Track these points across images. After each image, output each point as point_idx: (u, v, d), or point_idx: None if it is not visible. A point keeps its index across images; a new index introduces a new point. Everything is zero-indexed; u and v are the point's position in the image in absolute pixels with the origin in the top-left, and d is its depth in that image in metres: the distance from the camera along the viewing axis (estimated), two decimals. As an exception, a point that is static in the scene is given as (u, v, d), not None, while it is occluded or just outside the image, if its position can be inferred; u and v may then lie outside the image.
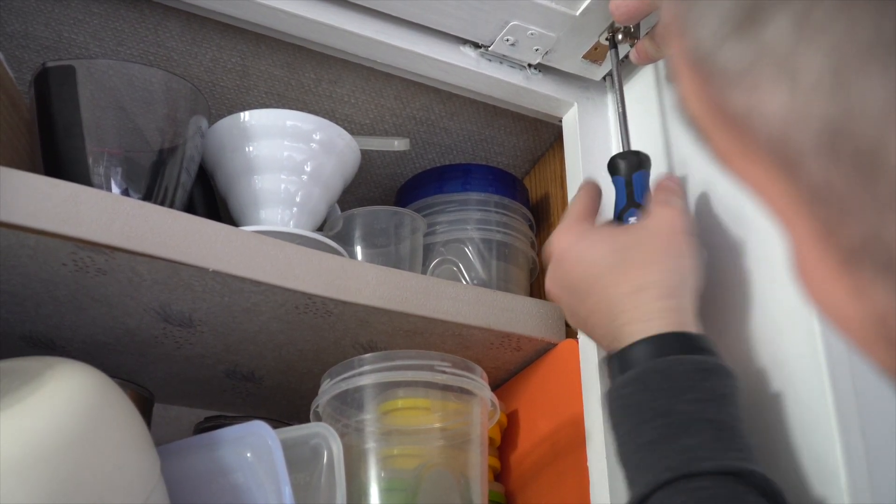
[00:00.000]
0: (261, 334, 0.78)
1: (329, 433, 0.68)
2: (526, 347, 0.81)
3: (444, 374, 0.72)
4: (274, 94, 0.93)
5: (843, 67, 0.19)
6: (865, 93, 0.18)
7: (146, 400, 0.81)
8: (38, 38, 0.85)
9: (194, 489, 0.68)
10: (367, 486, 0.70)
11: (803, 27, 0.19)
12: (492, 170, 1.00)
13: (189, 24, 0.84)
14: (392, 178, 1.07)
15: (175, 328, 0.76)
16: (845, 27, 0.18)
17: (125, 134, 0.75)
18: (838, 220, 0.21)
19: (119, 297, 0.70)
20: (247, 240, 0.69)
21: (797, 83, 0.20)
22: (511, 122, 1.00)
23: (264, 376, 0.87)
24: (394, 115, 0.97)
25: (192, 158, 0.78)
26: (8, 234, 0.61)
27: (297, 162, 0.83)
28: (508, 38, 0.83)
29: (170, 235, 0.65)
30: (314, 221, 0.85)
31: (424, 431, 0.73)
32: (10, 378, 0.56)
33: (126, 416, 0.59)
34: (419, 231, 0.90)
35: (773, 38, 0.20)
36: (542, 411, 0.83)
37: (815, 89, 0.19)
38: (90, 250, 0.64)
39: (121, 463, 0.55)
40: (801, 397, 0.61)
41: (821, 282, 0.23)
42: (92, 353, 0.79)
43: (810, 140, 0.20)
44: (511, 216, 0.96)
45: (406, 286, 0.74)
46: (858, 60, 0.18)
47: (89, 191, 0.64)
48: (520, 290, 0.94)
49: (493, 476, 0.84)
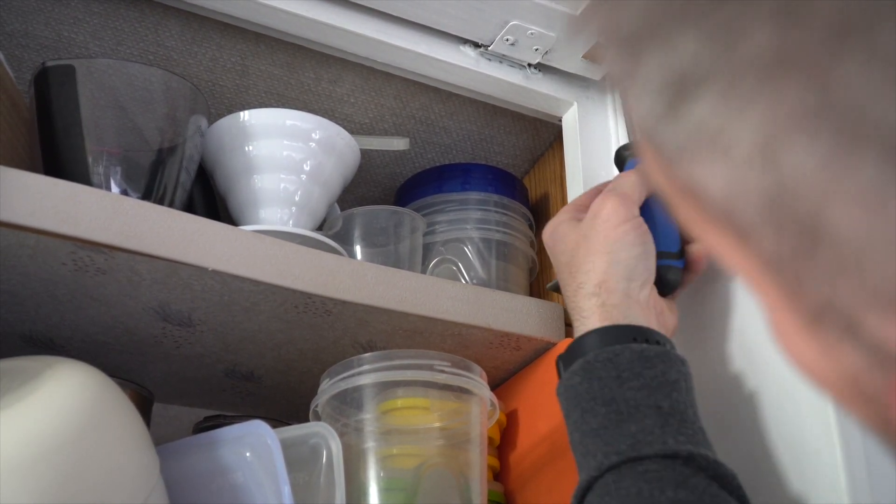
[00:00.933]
0: (260, 334, 0.78)
1: (328, 433, 0.68)
2: (525, 347, 0.81)
3: (443, 374, 0.72)
4: (273, 94, 0.93)
5: (771, 140, 0.19)
6: (796, 164, 0.19)
7: (145, 399, 0.81)
8: (37, 38, 0.85)
9: (194, 489, 0.68)
10: (366, 485, 0.70)
11: (730, 102, 0.19)
12: (491, 169, 1.00)
13: (188, 24, 0.84)
14: (392, 178, 1.07)
15: (174, 327, 0.76)
16: (769, 100, 0.18)
17: (125, 133, 0.75)
18: (794, 287, 0.21)
19: (118, 296, 0.70)
20: (246, 239, 0.69)
21: (731, 158, 0.20)
22: (511, 122, 1.00)
23: (263, 376, 0.87)
24: (393, 114, 0.97)
25: (191, 158, 0.78)
26: (7, 234, 0.61)
27: (297, 161, 0.83)
28: (508, 37, 0.83)
29: (169, 235, 0.65)
30: (314, 221, 0.85)
31: (424, 431, 0.73)
32: (9, 378, 0.56)
33: (125, 416, 0.59)
34: (419, 230, 0.90)
35: (703, 114, 0.20)
36: (541, 411, 0.83)
37: (749, 163, 0.19)
38: (90, 250, 0.64)
39: (120, 462, 0.55)
40: (801, 398, 0.61)
41: (794, 342, 0.23)
42: (91, 353, 0.79)
43: (753, 213, 0.20)
44: (511, 216, 0.96)
45: (405, 285, 0.74)
46: (785, 132, 0.18)
47: (89, 190, 0.64)
48: (519, 289, 0.94)
49: (493, 476, 0.84)
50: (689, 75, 0.20)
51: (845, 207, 0.18)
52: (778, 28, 0.18)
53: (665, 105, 0.21)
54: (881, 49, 0.17)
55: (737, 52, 0.19)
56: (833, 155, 0.18)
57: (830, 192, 0.18)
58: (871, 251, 0.18)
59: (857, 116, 0.17)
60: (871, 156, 0.17)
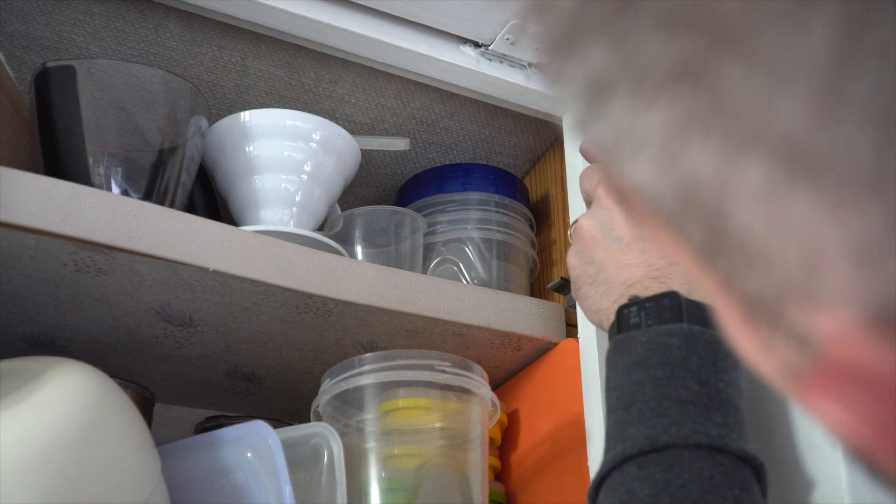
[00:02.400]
0: (261, 334, 0.78)
1: (329, 433, 0.68)
2: (526, 347, 0.81)
3: (444, 374, 0.72)
4: (274, 94, 0.93)
5: (670, 142, 0.20)
6: (694, 165, 0.19)
7: (147, 400, 0.81)
8: (38, 38, 0.85)
9: (195, 489, 0.68)
10: (367, 485, 0.70)
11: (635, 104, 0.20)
12: (492, 169, 1.00)
13: (189, 24, 0.84)
14: (392, 178, 1.07)
15: (175, 328, 0.76)
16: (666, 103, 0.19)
17: (125, 134, 0.75)
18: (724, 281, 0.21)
19: (119, 296, 0.70)
20: (247, 239, 0.69)
21: (645, 156, 0.21)
22: (511, 122, 1.00)
23: (265, 376, 0.87)
24: (394, 114, 0.97)
25: (192, 158, 0.78)
26: (9, 234, 0.61)
27: (297, 162, 0.83)
28: (509, 37, 0.83)
29: (170, 235, 0.65)
30: (314, 221, 0.85)
31: (425, 431, 0.73)
32: (10, 378, 0.56)
33: (126, 416, 0.59)
34: (419, 231, 0.90)
35: (617, 115, 0.21)
36: (542, 411, 0.83)
37: (659, 162, 0.20)
38: (91, 250, 0.64)
39: (121, 463, 0.55)
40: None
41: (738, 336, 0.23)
42: (92, 353, 0.79)
43: (674, 207, 0.21)
44: (511, 216, 0.96)
45: (406, 286, 0.74)
46: (682, 134, 0.19)
47: (90, 191, 0.64)
48: (520, 289, 0.94)
49: (494, 476, 0.84)
50: (603, 78, 0.21)
51: (743, 205, 0.19)
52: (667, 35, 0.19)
53: (588, 108, 0.22)
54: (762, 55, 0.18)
55: (636, 57, 0.20)
56: (725, 156, 0.19)
57: (728, 190, 0.19)
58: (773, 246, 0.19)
59: (743, 120, 0.18)
60: (760, 157, 0.18)
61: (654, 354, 0.58)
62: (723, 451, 0.53)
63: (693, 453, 0.53)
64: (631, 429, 0.55)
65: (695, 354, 0.57)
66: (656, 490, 0.51)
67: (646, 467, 0.53)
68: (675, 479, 0.52)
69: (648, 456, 0.53)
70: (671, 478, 0.52)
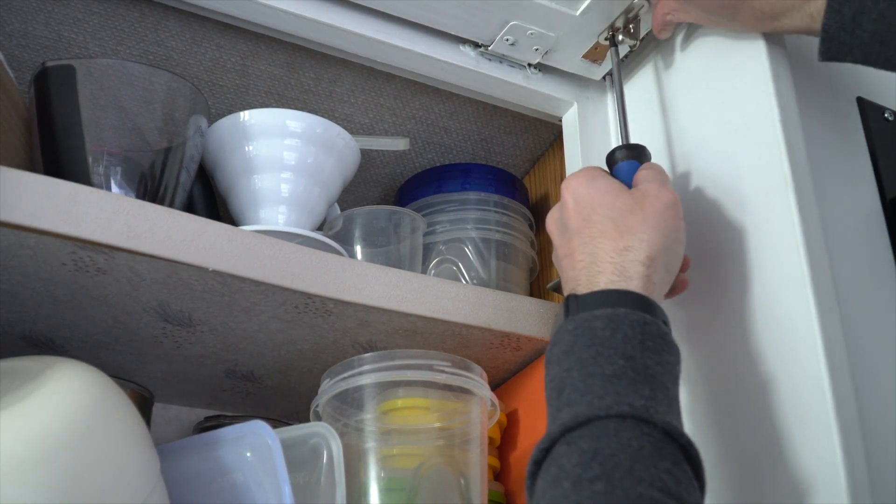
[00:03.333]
0: (260, 334, 0.78)
1: (329, 433, 0.68)
2: (526, 347, 0.81)
3: (443, 374, 0.72)
4: (273, 94, 0.93)
5: None
6: None
7: (146, 399, 0.81)
8: (37, 38, 0.85)
9: (194, 489, 0.68)
10: (366, 485, 0.70)
11: None
12: (491, 169, 1.00)
13: (189, 24, 0.84)
14: (392, 178, 1.07)
15: (174, 328, 0.76)
16: None
17: (125, 133, 0.75)
18: None
19: (119, 296, 0.70)
20: (246, 239, 0.69)
21: None
22: (511, 122, 1.00)
23: (264, 376, 0.87)
24: (393, 114, 0.97)
25: (191, 158, 0.78)
26: (8, 234, 0.61)
27: (297, 161, 0.83)
28: (508, 37, 0.83)
29: (169, 235, 0.65)
30: (314, 221, 0.85)
31: (424, 431, 0.73)
32: (9, 378, 0.56)
33: (125, 416, 0.59)
34: (419, 230, 0.90)
35: None
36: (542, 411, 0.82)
37: None
38: (90, 250, 0.64)
39: (120, 462, 0.55)
40: (802, 398, 0.61)
41: None
42: (91, 353, 0.79)
43: None
44: (511, 216, 0.96)
45: (405, 286, 0.74)
46: None
47: (89, 190, 0.64)
48: (519, 289, 0.94)
49: (493, 476, 0.84)
50: None
51: None
52: None
53: None
54: None
55: None
56: None
57: None
58: None
59: None
60: None
61: (579, 339, 0.59)
62: (649, 423, 0.52)
63: (619, 424, 0.52)
64: (561, 413, 0.56)
65: (620, 333, 0.58)
66: (584, 459, 0.51)
67: (572, 442, 0.53)
68: (604, 448, 0.51)
69: (574, 431, 0.53)
70: (599, 447, 0.51)
